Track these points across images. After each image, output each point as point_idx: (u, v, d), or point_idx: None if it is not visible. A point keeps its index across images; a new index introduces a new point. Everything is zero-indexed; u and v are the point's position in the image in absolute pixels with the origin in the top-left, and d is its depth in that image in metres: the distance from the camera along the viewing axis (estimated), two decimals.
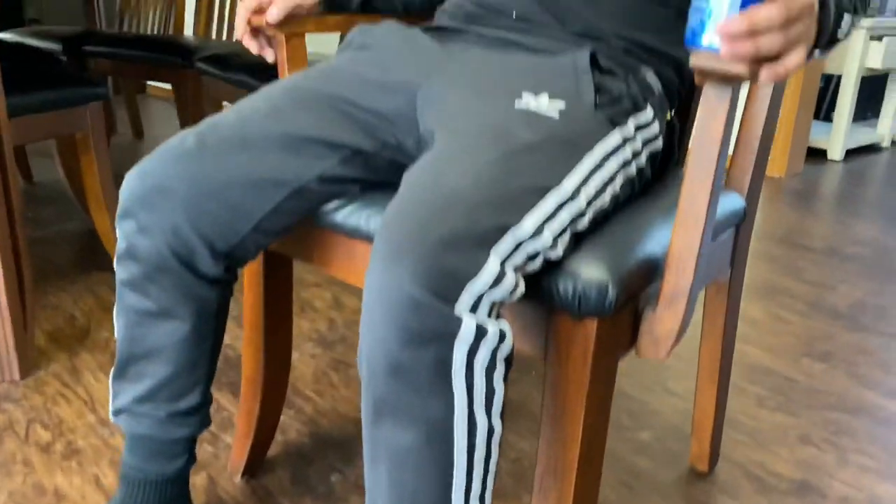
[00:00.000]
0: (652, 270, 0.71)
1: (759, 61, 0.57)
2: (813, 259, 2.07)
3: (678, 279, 0.67)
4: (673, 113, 0.87)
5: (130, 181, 0.77)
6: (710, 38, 0.58)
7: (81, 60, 2.56)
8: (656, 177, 0.86)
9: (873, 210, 2.59)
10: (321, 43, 2.13)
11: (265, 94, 0.82)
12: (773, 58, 0.57)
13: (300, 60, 1.00)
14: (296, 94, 0.80)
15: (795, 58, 0.57)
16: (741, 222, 0.93)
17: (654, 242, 0.72)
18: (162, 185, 0.75)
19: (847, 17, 0.67)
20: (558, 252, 0.62)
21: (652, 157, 0.81)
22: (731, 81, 0.60)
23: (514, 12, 0.83)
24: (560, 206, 0.63)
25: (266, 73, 1.89)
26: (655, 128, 0.80)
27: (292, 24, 0.97)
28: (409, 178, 0.65)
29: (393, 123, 0.80)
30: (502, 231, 0.58)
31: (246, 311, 1.00)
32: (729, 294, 0.99)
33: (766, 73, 0.57)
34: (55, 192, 2.37)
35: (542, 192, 0.62)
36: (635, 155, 0.76)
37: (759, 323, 1.65)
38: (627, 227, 0.72)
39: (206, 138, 0.76)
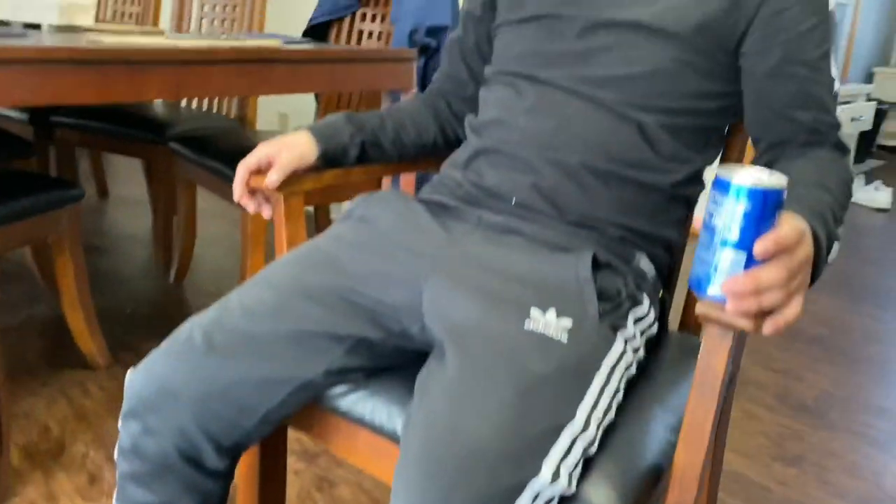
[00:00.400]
0: (656, 477, 0.73)
1: (762, 315, 0.60)
2: (779, 343, 2.13)
3: (682, 495, 0.69)
4: (663, 290, 0.90)
5: (137, 381, 0.77)
6: (716, 289, 0.61)
7: (48, 131, 2.51)
8: (649, 350, 0.89)
9: (832, 282, 2.68)
10: None
11: (271, 283, 0.82)
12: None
13: (297, 217, 1.01)
14: (301, 287, 0.81)
15: (795, 307, 0.61)
16: (727, 389, 0.96)
17: (656, 446, 0.74)
18: (170, 387, 0.75)
19: (836, 245, 0.71)
20: (572, 489, 0.64)
21: (647, 341, 0.84)
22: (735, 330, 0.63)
23: (514, 199, 0.86)
24: (574, 441, 0.65)
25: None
26: (651, 315, 0.83)
27: (291, 183, 0.98)
28: (425, 412, 0.66)
29: (398, 311, 0.81)
30: (522, 486, 0.60)
31: (240, 474, 0.99)
32: (714, 452, 1.02)
33: (769, 326, 0.60)
34: (22, 267, 2.32)
35: (558, 430, 0.64)
36: (635, 351, 0.79)
37: (732, 420, 1.69)
38: (629, 432, 0.74)
39: (213, 337, 0.77)
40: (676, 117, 0.86)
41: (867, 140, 4.51)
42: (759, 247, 0.58)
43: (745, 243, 0.59)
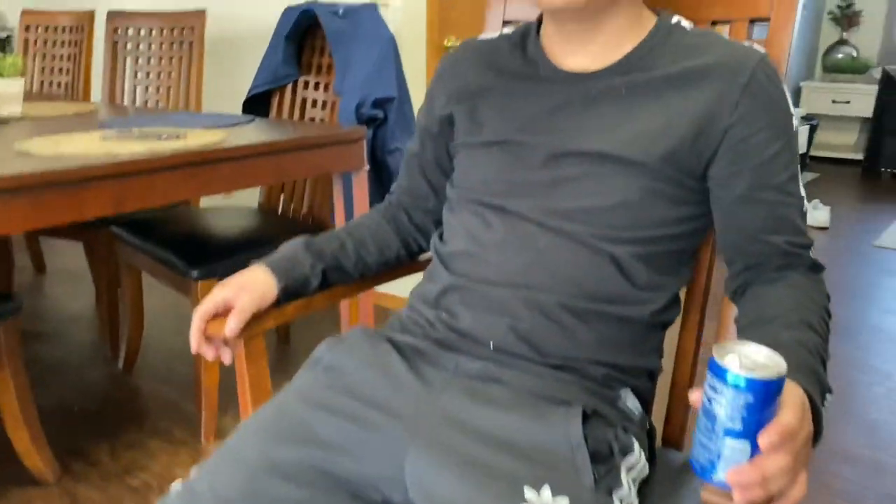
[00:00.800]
0: None
1: (768, 499, 0.58)
2: None
3: None
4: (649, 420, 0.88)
5: None
6: (721, 476, 0.59)
7: None
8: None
9: None
10: None
11: (241, 460, 0.77)
12: None
13: (260, 359, 0.96)
14: (273, 464, 0.76)
15: (801, 487, 0.59)
16: None
17: None
18: None
19: (829, 396, 0.69)
20: None
21: (639, 485, 0.81)
22: None
23: (492, 343, 0.82)
24: None
25: (191, 249, 1.81)
26: (642, 459, 0.80)
27: (252, 326, 0.93)
28: None
29: (378, 482, 0.77)
30: None
31: None
32: None
33: None
34: None
35: None
36: None
37: None
38: None
39: None
40: (650, 246, 0.84)
41: (801, 158, 4.65)
42: (765, 441, 0.56)
43: (748, 433, 0.57)
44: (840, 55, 5.58)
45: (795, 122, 0.84)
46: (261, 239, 1.92)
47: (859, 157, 5.37)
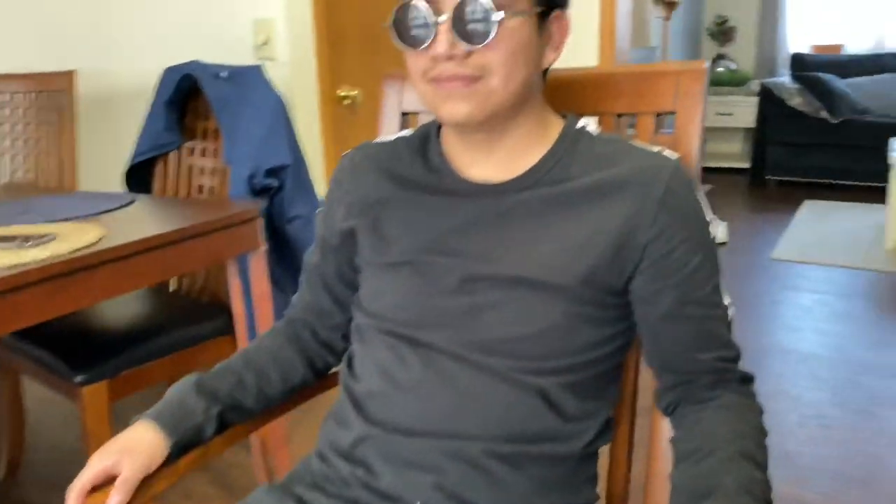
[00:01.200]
0: None
1: None
2: None
3: None
4: None
5: None
6: None
7: None
8: None
9: None
10: None
11: None
12: None
13: None
14: None
15: None
16: None
17: None
18: None
19: None
20: None
21: None
22: None
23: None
24: None
25: (74, 347, 1.63)
26: None
27: (141, 493, 0.81)
28: None
29: None
30: None
31: None
32: None
33: None
34: None
35: None
36: None
37: None
38: None
39: None
40: (578, 373, 0.78)
41: None
42: None
43: None
44: (720, 69, 5.84)
45: (713, 230, 0.81)
46: (152, 328, 1.76)
47: (745, 165, 5.62)
